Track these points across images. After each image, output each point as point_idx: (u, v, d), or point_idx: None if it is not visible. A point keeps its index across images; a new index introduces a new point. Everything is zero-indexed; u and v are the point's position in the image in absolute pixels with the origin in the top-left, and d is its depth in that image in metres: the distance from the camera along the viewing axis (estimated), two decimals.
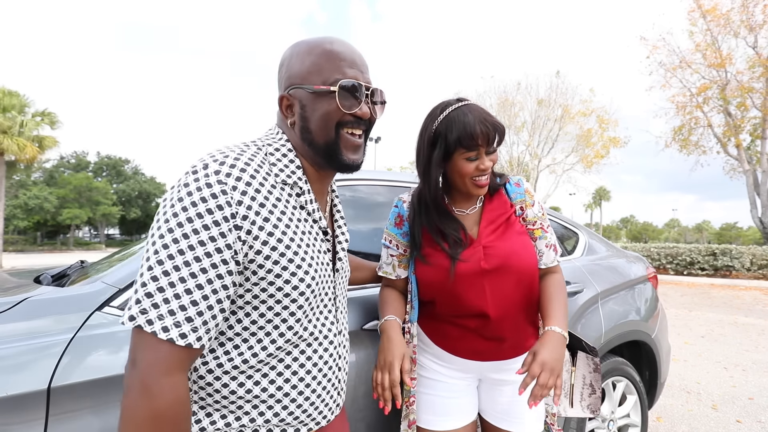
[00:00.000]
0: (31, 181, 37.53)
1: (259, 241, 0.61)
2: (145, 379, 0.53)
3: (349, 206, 1.48)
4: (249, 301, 0.64)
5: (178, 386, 0.56)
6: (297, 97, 0.69)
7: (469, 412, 1.16)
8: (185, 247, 0.56)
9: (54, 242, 41.09)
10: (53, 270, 1.48)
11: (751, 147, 15.68)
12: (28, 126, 17.22)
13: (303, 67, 0.69)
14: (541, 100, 20.32)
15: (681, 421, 2.71)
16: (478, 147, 0.97)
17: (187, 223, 0.56)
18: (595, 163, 20.05)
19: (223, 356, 0.64)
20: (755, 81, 14.49)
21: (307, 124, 0.69)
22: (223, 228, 0.57)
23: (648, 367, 2.15)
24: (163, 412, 0.54)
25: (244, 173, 0.61)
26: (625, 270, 2.14)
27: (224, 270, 0.58)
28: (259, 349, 0.65)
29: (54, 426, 0.76)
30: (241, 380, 0.65)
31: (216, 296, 0.57)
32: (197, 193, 0.57)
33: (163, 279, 0.55)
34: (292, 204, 0.68)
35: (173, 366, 0.55)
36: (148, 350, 0.54)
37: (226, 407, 0.66)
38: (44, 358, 0.79)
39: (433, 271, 1.05)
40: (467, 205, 1.11)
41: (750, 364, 3.98)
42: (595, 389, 1.23)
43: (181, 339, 0.54)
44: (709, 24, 15.06)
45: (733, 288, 10.39)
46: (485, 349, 1.09)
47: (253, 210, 0.60)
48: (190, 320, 0.55)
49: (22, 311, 0.88)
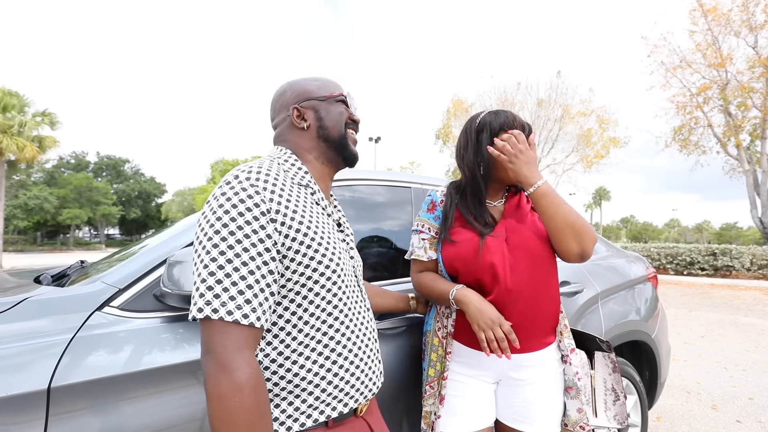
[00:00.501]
0: (31, 181, 37.50)
1: (292, 230, 0.71)
2: (220, 358, 0.60)
3: (350, 206, 1.48)
4: (292, 288, 0.73)
5: (251, 360, 0.63)
6: (309, 107, 0.86)
7: (487, 417, 1.15)
8: (233, 242, 0.64)
9: (54, 242, 41.12)
10: (53, 270, 1.48)
11: (750, 147, 15.67)
12: (28, 126, 17.21)
13: (311, 87, 0.87)
14: (541, 100, 20.33)
15: (681, 421, 2.71)
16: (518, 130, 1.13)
17: (231, 222, 0.65)
18: (595, 163, 20.06)
19: (280, 344, 0.72)
20: (755, 81, 14.48)
21: (323, 123, 0.86)
22: (262, 221, 0.67)
23: (648, 367, 2.15)
24: (244, 383, 0.60)
25: (269, 177, 0.72)
26: (625, 270, 2.14)
27: (268, 257, 0.67)
28: (309, 329, 0.74)
29: (54, 426, 0.76)
30: (301, 362, 0.72)
31: (265, 280, 0.66)
32: (235, 197, 0.67)
33: (219, 272, 0.63)
34: (310, 200, 0.79)
35: (243, 344, 0.62)
36: (218, 336, 0.61)
37: (291, 392, 0.72)
38: (44, 358, 0.80)
39: (460, 248, 1.13)
40: (495, 198, 1.23)
41: (750, 364, 3.99)
42: (619, 395, 1.21)
43: (244, 319, 0.62)
44: (710, 23, 15.06)
45: (733, 288, 10.39)
46: None
47: (282, 205, 0.71)
48: (249, 302, 0.63)
49: (22, 311, 0.88)
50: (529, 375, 1.12)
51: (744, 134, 15.32)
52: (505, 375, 1.14)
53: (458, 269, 1.14)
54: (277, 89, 0.91)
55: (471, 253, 1.11)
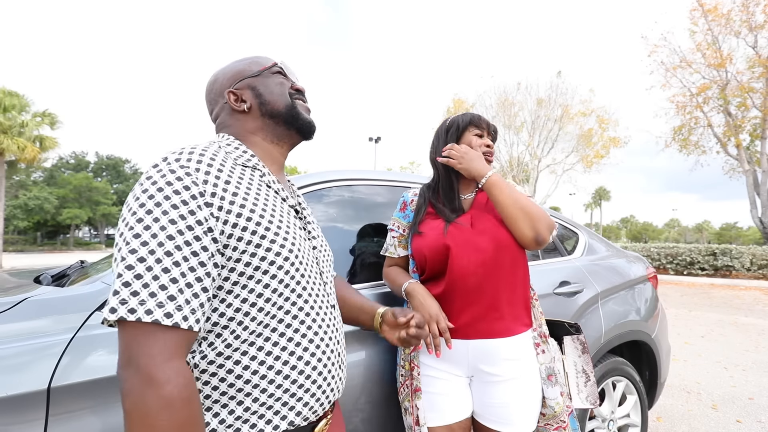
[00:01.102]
0: (31, 181, 37.51)
1: (233, 215, 0.62)
2: (147, 370, 0.52)
3: (349, 206, 1.48)
4: (237, 281, 0.64)
5: (183, 369, 0.55)
6: (245, 86, 0.79)
7: (463, 410, 1.17)
8: (157, 230, 0.56)
9: (54, 242, 41.09)
10: (53, 270, 1.48)
11: (750, 147, 15.67)
12: (28, 126, 17.22)
13: (240, 66, 0.81)
14: (541, 100, 20.32)
15: (681, 421, 2.70)
16: (483, 128, 1.26)
17: (156, 207, 0.57)
18: (595, 163, 20.05)
19: (221, 344, 0.63)
20: (755, 81, 14.47)
21: (263, 99, 0.79)
22: (192, 206, 0.58)
23: (648, 367, 2.15)
24: (175, 397, 0.52)
25: (203, 156, 0.64)
26: (625, 270, 2.14)
27: (198, 247, 0.58)
28: (256, 327, 0.65)
29: (54, 426, 0.76)
30: (245, 363, 0.64)
31: (195, 274, 0.57)
32: (162, 179, 0.59)
33: (139, 266, 0.54)
34: (257, 182, 0.71)
35: (171, 351, 0.53)
36: (141, 343, 0.52)
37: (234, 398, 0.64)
38: (44, 358, 0.79)
39: (426, 236, 1.19)
40: (466, 192, 1.29)
41: (750, 364, 3.98)
42: (589, 375, 1.25)
43: (166, 318, 0.53)
44: (710, 24, 15.05)
45: (733, 288, 10.38)
46: (469, 319, 1.12)
47: (219, 187, 0.62)
48: (173, 298, 0.54)
49: (22, 311, 0.88)
50: (503, 371, 1.12)
51: (744, 134, 15.31)
52: (476, 369, 1.15)
53: (426, 256, 1.17)
54: (207, 81, 0.84)
55: (436, 238, 1.17)
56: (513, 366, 1.13)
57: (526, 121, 20.93)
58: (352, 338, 1.19)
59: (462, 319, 1.14)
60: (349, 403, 1.16)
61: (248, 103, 0.78)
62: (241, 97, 0.78)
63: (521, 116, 21.00)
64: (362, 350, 1.21)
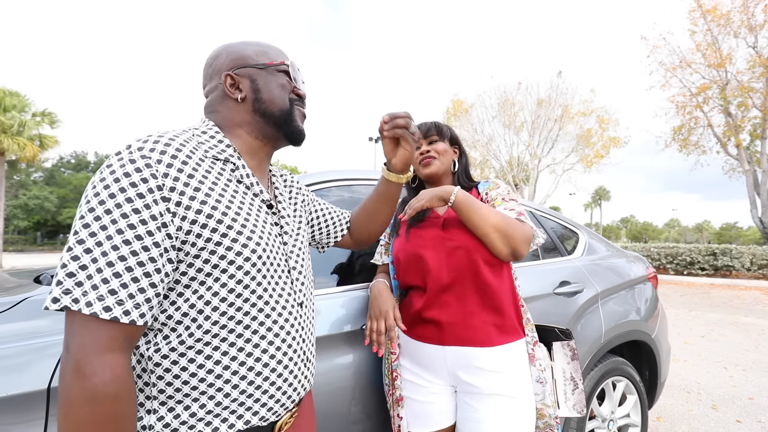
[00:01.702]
0: (31, 180, 37.52)
1: (192, 211, 0.60)
2: (77, 360, 0.52)
3: (349, 206, 1.48)
4: (194, 277, 0.62)
5: (115, 365, 0.54)
6: (245, 75, 0.75)
7: (447, 419, 1.15)
8: (107, 222, 0.54)
9: (54, 242, 41.07)
10: (53, 270, 1.48)
11: (750, 147, 15.66)
12: (28, 126, 17.23)
13: (249, 51, 0.76)
14: (541, 100, 20.31)
15: (681, 421, 2.70)
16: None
17: (110, 199, 0.55)
18: (595, 163, 20.05)
19: (175, 339, 0.62)
20: (755, 81, 14.47)
21: (260, 95, 0.75)
22: (148, 200, 0.57)
23: (648, 367, 2.15)
24: (98, 392, 0.52)
25: (168, 147, 0.61)
26: (625, 270, 2.14)
27: (150, 242, 0.56)
28: (211, 326, 0.63)
29: (54, 426, 0.76)
30: (200, 361, 0.63)
31: (143, 269, 0.56)
32: (120, 169, 0.57)
33: (85, 257, 0.53)
34: (226, 177, 0.68)
35: (105, 345, 0.53)
36: (78, 332, 0.53)
37: (188, 395, 0.63)
38: (44, 358, 0.79)
39: (400, 239, 1.22)
40: None
41: (750, 364, 3.98)
42: (577, 383, 1.22)
43: (105, 312, 0.52)
44: (709, 24, 15.05)
45: (733, 288, 10.38)
46: (443, 324, 1.10)
47: (181, 181, 0.60)
48: (114, 293, 0.53)
49: (22, 311, 0.88)
50: (483, 383, 1.06)
51: (744, 134, 15.31)
52: (457, 378, 1.11)
53: (400, 261, 1.19)
54: (210, 52, 0.79)
55: (406, 243, 1.18)
56: (496, 379, 1.06)
57: (526, 121, 20.92)
58: (340, 341, 1.18)
59: (435, 324, 1.11)
60: (343, 406, 1.16)
61: (243, 94, 0.74)
62: (238, 84, 0.74)
63: (521, 116, 21.00)
64: (350, 354, 1.19)
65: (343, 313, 1.22)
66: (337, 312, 1.21)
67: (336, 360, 1.16)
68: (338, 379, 1.15)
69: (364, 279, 1.37)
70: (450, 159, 1.27)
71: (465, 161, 1.32)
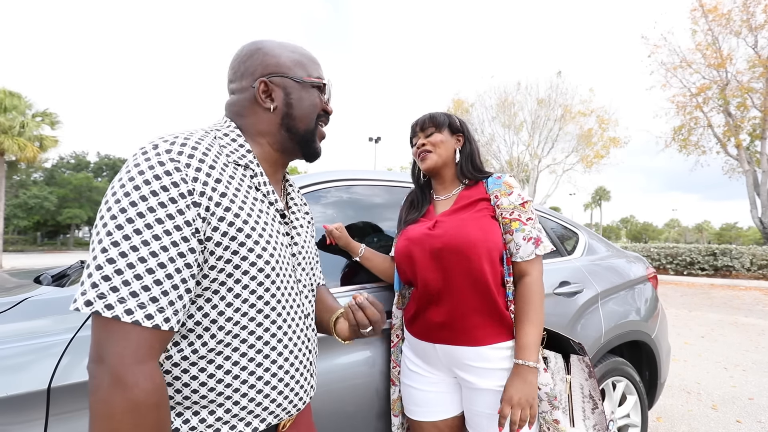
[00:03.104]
0: (31, 180, 37.51)
1: (216, 218, 0.59)
2: (116, 371, 0.50)
3: (349, 207, 1.48)
4: (208, 287, 0.61)
5: (154, 374, 0.53)
6: (280, 85, 0.73)
7: (448, 409, 1.17)
8: (142, 226, 0.53)
9: (54, 242, 41.09)
10: (53, 270, 1.48)
11: (750, 147, 15.66)
12: (28, 126, 17.22)
13: (287, 60, 0.73)
14: (541, 100, 20.31)
15: (681, 421, 2.70)
16: (416, 132, 1.27)
17: (142, 201, 0.54)
18: (595, 163, 20.05)
19: (188, 347, 0.61)
20: (755, 81, 14.47)
21: (291, 111, 0.73)
22: (181, 205, 0.56)
23: (648, 367, 2.15)
24: (141, 402, 0.50)
25: (196, 151, 0.60)
26: (625, 270, 2.13)
27: (186, 248, 0.56)
28: (224, 335, 0.63)
29: (54, 426, 0.76)
30: (210, 370, 0.62)
31: (180, 275, 0.55)
32: (150, 171, 0.55)
33: (121, 260, 0.51)
34: (246, 183, 0.67)
35: (145, 353, 0.52)
36: (115, 341, 0.51)
37: (197, 403, 0.63)
38: (44, 358, 0.79)
39: (399, 239, 1.22)
40: (444, 192, 1.28)
41: (750, 364, 3.98)
42: (597, 402, 1.16)
43: (147, 320, 0.51)
44: (710, 23, 15.05)
45: (733, 288, 10.38)
46: (431, 323, 1.12)
47: (209, 186, 0.59)
48: (155, 300, 0.52)
49: (22, 311, 0.88)
50: (477, 379, 1.09)
51: (744, 134, 15.31)
52: (454, 373, 1.15)
53: (396, 257, 1.22)
54: (244, 46, 0.76)
55: (403, 246, 1.19)
56: (490, 376, 1.08)
57: (526, 121, 20.92)
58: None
59: (424, 323, 1.14)
60: (344, 405, 1.16)
61: (275, 104, 0.72)
62: (271, 93, 0.72)
63: (521, 116, 21.00)
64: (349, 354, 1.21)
65: None
66: None
67: (335, 361, 1.16)
68: (339, 379, 1.16)
69: (363, 279, 1.38)
70: (450, 148, 1.23)
71: (470, 149, 1.26)
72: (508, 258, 1.13)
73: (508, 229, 1.13)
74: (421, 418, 1.17)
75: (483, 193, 1.19)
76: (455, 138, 1.25)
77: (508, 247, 1.13)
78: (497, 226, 1.13)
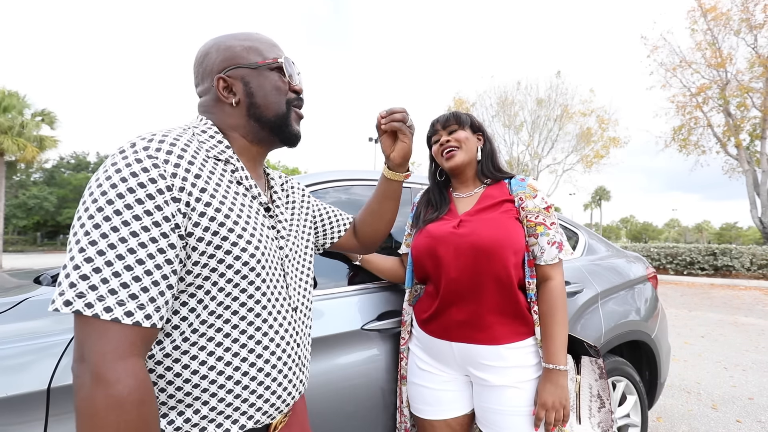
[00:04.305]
0: (31, 181, 37.53)
1: (197, 213, 0.59)
2: (97, 368, 0.49)
3: (348, 207, 1.48)
4: (192, 282, 0.61)
5: (137, 370, 0.52)
6: (237, 77, 0.71)
7: (459, 407, 1.17)
8: (119, 223, 0.53)
9: (54, 242, 41.06)
10: (53, 270, 1.48)
11: (750, 147, 15.66)
12: (28, 126, 17.22)
13: (239, 49, 0.72)
14: (541, 100, 20.34)
15: (681, 421, 2.70)
16: (437, 130, 1.26)
17: (118, 199, 0.53)
18: (595, 162, 20.06)
19: (169, 344, 0.61)
20: (755, 81, 14.47)
21: (254, 99, 0.72)
22: (159, 201, 0.55)
23: (648, 367, 2.15)
24: (124, 399, 0.50)
25: (174, 147, 0.60)
26: (625, 270, 2.14)
27: (165, 243, 0.55)
28: (207, 329, 0.62)
29: (54, 426, 0.76)
30: (194, 366, 0.61)
31: (160, 272, 0.54)
32: (127, 169, 0.55)
33: (99, 258, 0.51)
34: (227, 178, 0.67)
35: (126, 350, 0.51)
36: (95, 339, 0.50)
37: (182, 401, 0.62)
38: (44, 358, 0.79)
39: (419, 237, 1.21)
40: (465, 191, 1.27)
41: (750, 364, 3.98)
42: (604, 402, 1.18)
43: (127, 317, 0.51)
44: (709, 23, 15.06)
45: (733, 288, 10.38)
46: (450, 322, 1.12)
47: (189, 182, 0.59)
48: (135, 297, 0.52)
49: (22, 311, 0.88)
50: (492, 377, 1.10)
51: (744, 134, 15.31)
52: (467, 371, 1.15)
53: (414, 256, 1.21)
54: (200, 48, 0.75)
55: (422, 242, 1.19)
56: (506, 373, 1.09)
57: (526, 120, 20.95)
58: (341, 341, 1.19)
59: (443, 321, 1.13)
60: (344, 406, 1.16)
61: (237, 98, 0.71)
62: (231, 87, 0.71)
63: (521, 116, 21.02)
64: (352, 353, 1.21)
65: (346, 313, 1.22)
66: (340, 313, 1.22)
67: (337, 360, 1.16)
68: (340, 379, 1.15)
69: (363, 279, 1.38)
70: (474, 147, 1.24)
71: (490, 148, 1.28)
72: (530, 260, 1.14)
73: (532, 233, 1.14)
74: (431, 417, 1.16)
75: (507, 194, 1.19)
76: (476, 137, 1.26)
77: (532, 250, 1.14)
78: (521, 228, 1.14)
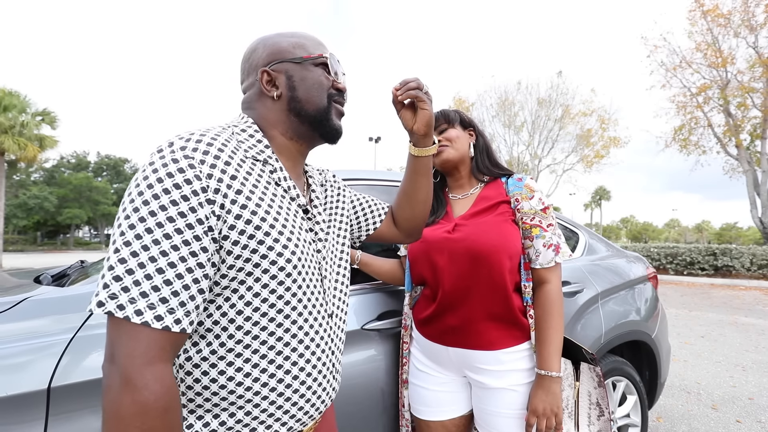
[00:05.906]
0: (31, 180, 37.54)
1: (232, 215, 0.58)
2: (125, 371, 0.49)
3: None
4: (227, 285, 0.60)
5: (164, 376, 0.52)
6: (281, 70, 0.71)
7: (457, 408, 1.17)
8: (153, 225, 0.52)
9: (54, 242, 41.10)
10: (53, 270, 1.48)
11: (750, 147, 15.65)
12: (28, 126, 17.22)
13: (286, 45, 0.72)
14: (542, 100, 20.33)
15: (681, 421, 2.70)
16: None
17: (154, 200, 0.53)
18: (595, 162, 20.06)
19: (206, 348, 0.61)
20: (755, 81, 14.47)
21: (295, 93, 0.71)
22: (193, 202, 0.54)
23: (648, 367, 2.15)
24: (150, 405, 0.49)
25: (211, 147, 0.59)
26: (625, 270, 2.13)
27: (198, 247, 0.54)
28: (243, 335, 0.62)
29: (54, 426, 0.76)
30: (230, 372, 0.61)
31: (192, 275, 0.54)
32: (163, 169, 0.54)
33: (132, 260, 0.51)
34: (265, 179, 0.66)
35: (155, 354, 0.51)
36: (125, 341, 0.50)
37: (218, 405, 0.62)
38: (44, 358, 0.79)
39: (417, 241, 1.15)
40: (461, 192, 1.25)
41: (750, 364, 3.98)
42: (603, 410, 1.16)
43: (156, 321, 0.51)
44: (709, 24, 15.05)
45: (733, 288, 10.38)
46: (444, 327, 1.11)
47: (224, 183, 0.58)
48: (165, 301, 0.51)
49: (22, 311, 0.88)
50: (489, 381, 1.09)
51: (744, 134, 15.30)
52: (468, 376, 1.14)
53: (411, 257, 1.20)
54: (248, 45, 0.76)
55: (417, 247, 1.17)
56: (502, 376, 1.09)
57: (527, 120, 20.94)
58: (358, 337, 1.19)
59: (439, 326, 1.13)
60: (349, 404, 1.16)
61: (279, 91, 0.71)
62: (275, 81, 0.71)
63: (521, 116, 21.02)
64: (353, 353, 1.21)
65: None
66: None
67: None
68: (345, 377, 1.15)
69: (363, 279, 1.37)
70: (466, 144, 1.20)
71: (483, 143, 1.24)
72: (526, 263, 1.12)
73: (527, 235, 1.12)
74: (429, 418, 1.17)
75: (503, 194, 1.17)
76: (467, 133, 1.23)
77: (527, 253, 1.12)
78: (517, 231, 1.11)
